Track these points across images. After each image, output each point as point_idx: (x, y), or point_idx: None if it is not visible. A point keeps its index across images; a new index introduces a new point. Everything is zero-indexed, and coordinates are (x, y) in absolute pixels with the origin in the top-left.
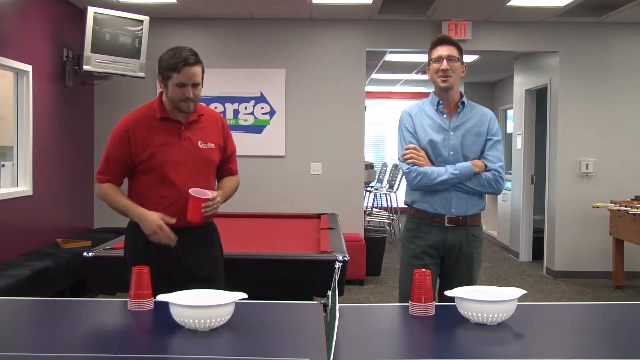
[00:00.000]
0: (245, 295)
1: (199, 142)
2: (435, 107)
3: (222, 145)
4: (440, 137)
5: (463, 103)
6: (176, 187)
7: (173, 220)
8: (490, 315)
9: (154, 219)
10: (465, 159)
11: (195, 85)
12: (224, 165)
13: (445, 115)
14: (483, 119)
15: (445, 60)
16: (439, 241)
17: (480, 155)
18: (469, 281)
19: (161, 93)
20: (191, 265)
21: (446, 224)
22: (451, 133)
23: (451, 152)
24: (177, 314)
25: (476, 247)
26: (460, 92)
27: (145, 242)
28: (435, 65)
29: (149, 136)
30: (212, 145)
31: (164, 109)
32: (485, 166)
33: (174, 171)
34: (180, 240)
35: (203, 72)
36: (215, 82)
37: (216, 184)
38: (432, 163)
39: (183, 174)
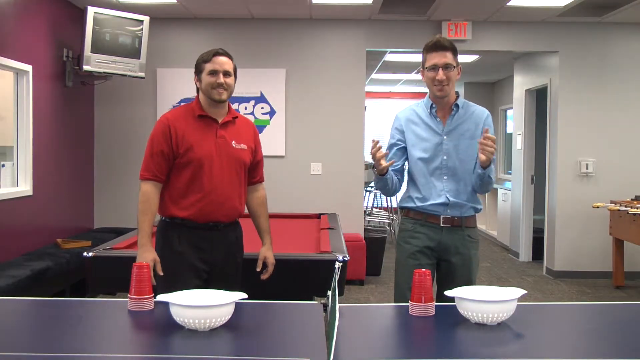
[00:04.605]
0: (245, 295)
1: (233, 142)
2: (429, 111)
3: (253, 149)
4: (432, 142)
5: (457, 105)
6: (209, 182)
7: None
8: (490, 315)
9: (150, 256)
10: (461, 162)
11: (227, 75)
12: (254, 171)
13: (439, 119)
14: (478, 121)
15: (441, 70)
16: (435, 242)
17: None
18: (468, 283)
19: (198, 96)
20: (217, 262)
21: (441, 224)
22: (445, 137)
23: (444, 157)
24: (177, 314)
25: (473, 248)
26: (456, 93)
27: (177, 235)
28: (430, 74)
29: (187, 131)
30: (244, 146)
31: (201, 107)
32: None
33: (207, 166)
34: (208, 236)
35: (235, 70)
36: None
37: (247, 188)
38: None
39: (216, 169)
